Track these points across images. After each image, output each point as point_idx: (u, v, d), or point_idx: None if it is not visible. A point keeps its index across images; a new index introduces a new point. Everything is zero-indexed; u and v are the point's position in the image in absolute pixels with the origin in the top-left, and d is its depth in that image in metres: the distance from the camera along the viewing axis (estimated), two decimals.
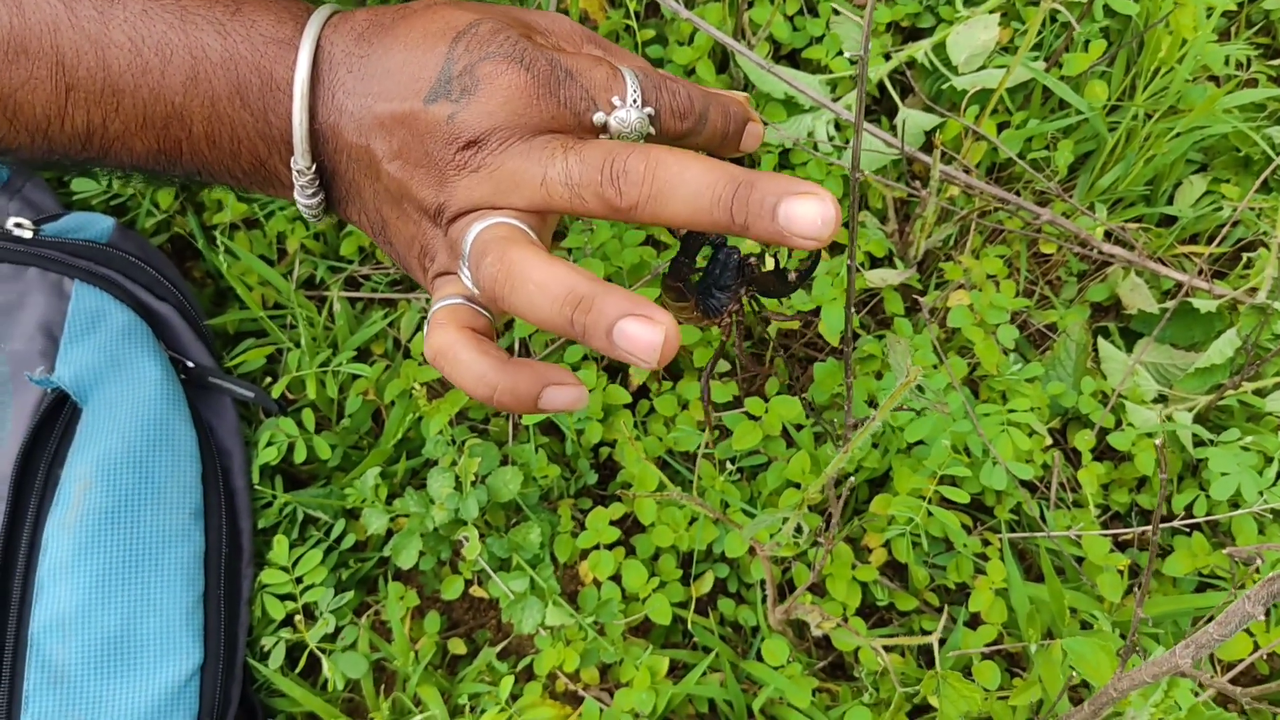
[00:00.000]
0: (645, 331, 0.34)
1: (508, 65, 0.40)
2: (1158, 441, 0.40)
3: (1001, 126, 0.83)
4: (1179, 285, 0.79)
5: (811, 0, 0.88)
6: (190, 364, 0.72)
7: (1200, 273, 0.81)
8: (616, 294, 0.35)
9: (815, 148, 0.81)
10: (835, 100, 0.84)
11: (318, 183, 0.43)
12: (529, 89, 0.40)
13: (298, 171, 0.42)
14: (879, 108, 0.87)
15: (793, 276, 0.48)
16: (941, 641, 0.70)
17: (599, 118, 0.41)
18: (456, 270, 0.42)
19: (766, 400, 0.75)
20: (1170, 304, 0.77)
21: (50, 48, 0.40)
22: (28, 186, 0.77)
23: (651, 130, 0.42)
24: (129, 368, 0.68)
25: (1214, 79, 0.87)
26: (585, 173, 0.39)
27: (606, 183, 0.38)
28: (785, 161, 0.84)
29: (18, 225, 0.71)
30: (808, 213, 0.36)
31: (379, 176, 0.42)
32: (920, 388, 0.69)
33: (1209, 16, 0.83)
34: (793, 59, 0.89)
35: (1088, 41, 0.82)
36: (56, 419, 0.68)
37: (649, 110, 0.42)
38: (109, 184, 0.79)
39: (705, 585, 0.73)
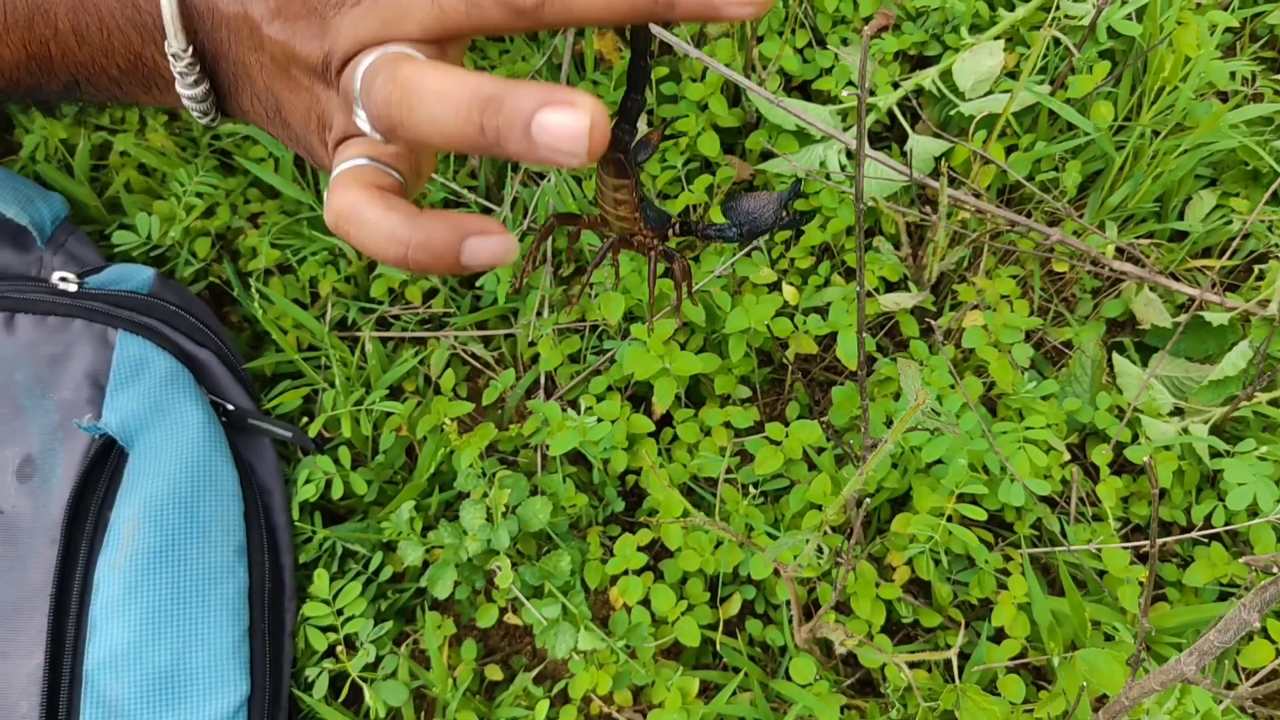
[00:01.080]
0: (568, 118, 0.30)
1: None
2: (1147, 458, 0.41)
3: (1010, 150, 0.85)
4: (1191, 299, 0.80)
5: (819, 32, 0.90)
6: (230, 407, 0.75)
7: (1212, 286, 0.82)
8: (528, 86, 0.31)
9: (827, 177, 0.83)
10: (845, 129, 0.86)
11: (198, 67, 0.40)
12: None
13: (173, 57, 0.39)
14: (889, 134, 0.89)
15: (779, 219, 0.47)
16: (967, 656, 0.71)
17: None
18: (356, 129, 0.38)
19: (787, 425, 0.77)
20: (1183, 318, 0.78)
21: None
22: (70, 241, 0.81)
23: None
24: (172, 412, 0.71)
25: (1220, 95, 0.89)
26: None
27: None
28: (799, 192, 0.86)
29: (63, 279, 0.75)
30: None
31: (263, 45, 0.39)
32: (936, 411, 0.71)
33: (1212, 33, 0.85)
34: (804, 90, 0.91)
35: (1092, 66, 0.84)
36: (105, 463, 0.71)
37: None
38: (147, 235, 0.83)
39: (732, 607, 0.75)
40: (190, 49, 0.39)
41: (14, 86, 0.42)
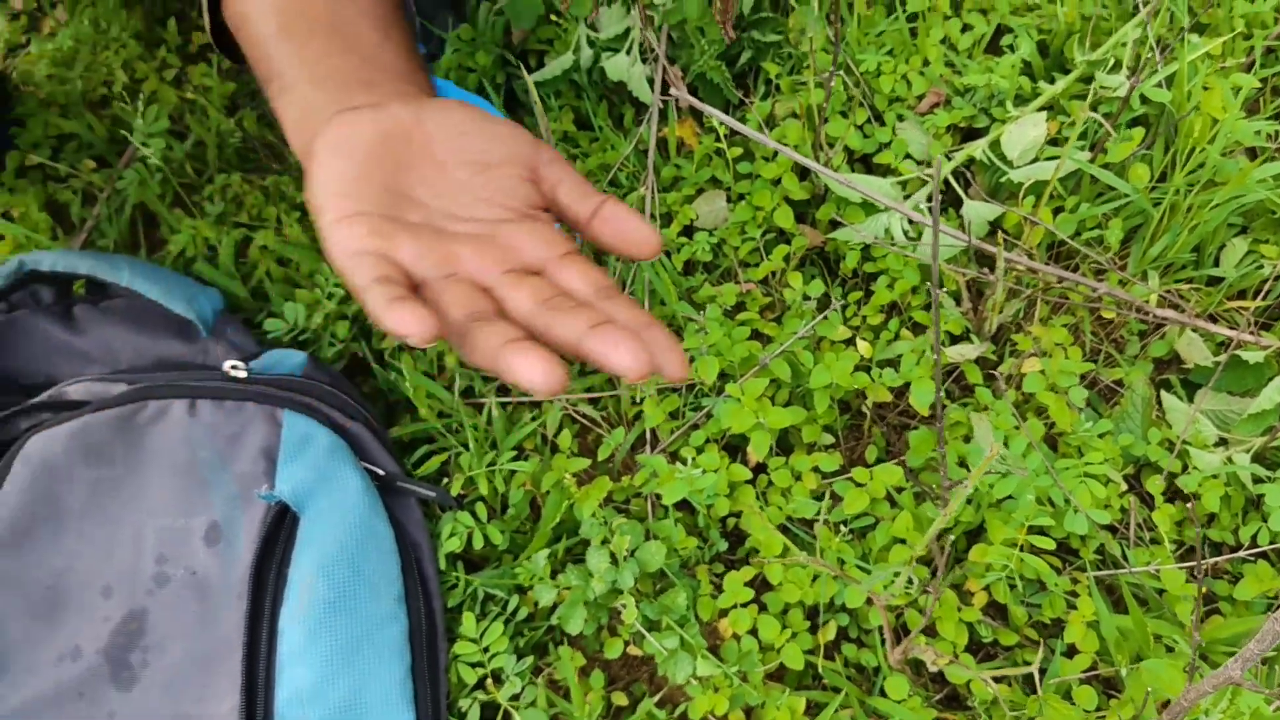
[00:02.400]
0: None
1: None
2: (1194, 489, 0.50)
3: (1057, 211, 0.94)
4: (1229, 339, 0.89)
5: (877, 110, 1.01)
6: (381, 472, 0.85)
7: (1248, 326, 0.91)
8: None
9: (892, 242, 0.93)
10: (906, 197, 0.96)
11: None
12: None
13: None
14: (945, 199, 0.99)
15: None
16: (1043, 671, 0.80)
17: None
18: None
19: (869, 467, 0.87)
20: (1223, 357, 0.87)
21: None
22: (229, 330, 0.92)
23: None
24: (335, 480, 0.82)
25: (1248, 150, 0.98)
26: None
27: None
28: (867, 255, 0.96)
29: (234, 367, 0.86)
30: None
31: None
32: (1004, 457, 0.80)
33: (1236, 95, 0.94)
34: (866, 162, 1.01)
35: (1127, 130, 0.93)
36: (281, 527, 0.82)
37: None
38: (295, 321, 0.94)
39: (830, 633, 0.84)
40: None
41: None
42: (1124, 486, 0.85)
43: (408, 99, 0.58)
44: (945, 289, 0.95)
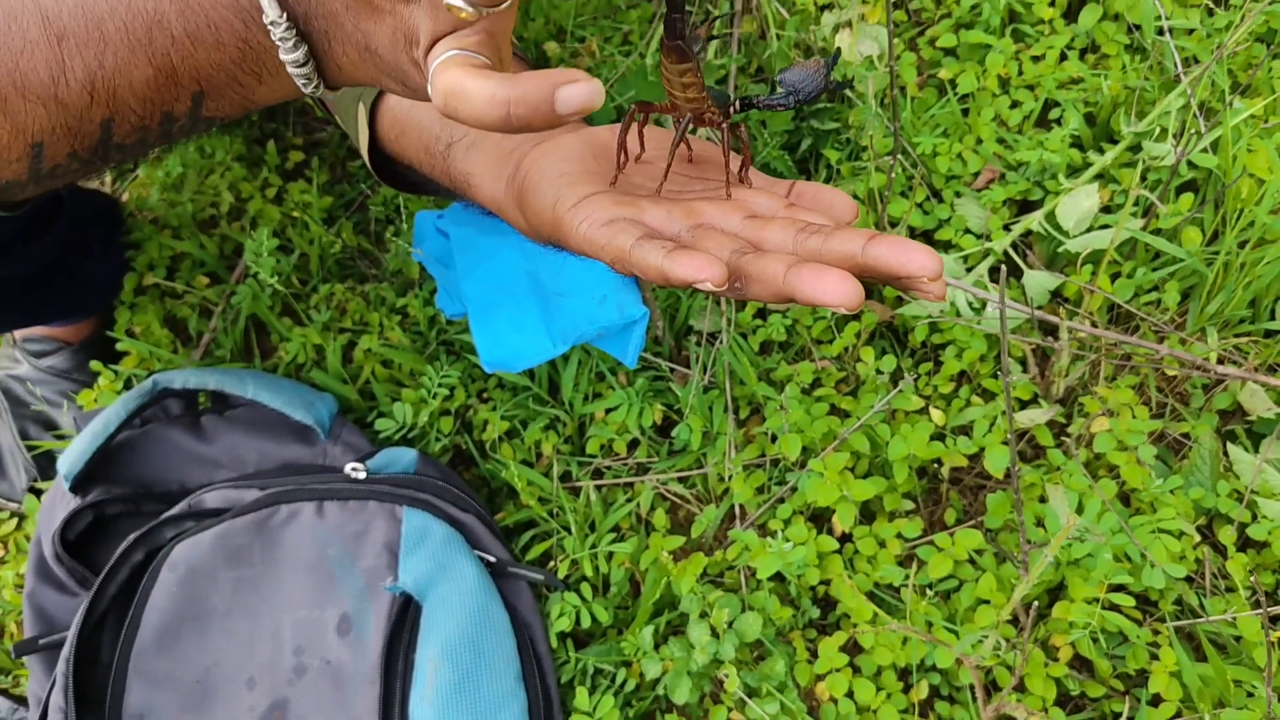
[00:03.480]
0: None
1: None
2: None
3: (1115, 276, 0.99)
4: None
5: (935, 188, 1.06)
6: (493, 559, 0.92)
7: None
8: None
9: (958, 315, 0.98)
10: (968, 270, 1.01)
11: (294, 31, 0.46)
12: None
13: (271, 25, 0.45)
14: (1005, 269, 1.04)
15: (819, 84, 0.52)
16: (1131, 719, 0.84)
17: None
18: (442, 30, 0.44)
19: (948, 529, 0.91)
20: None
21: (33, 6, 0.44)
22: (344, 432, 1.00)
23: None
24: (453, 569, 0.89)
25: None
26: None
27: None
28: (934, 327, 1.01)
29: (354, 469, 0.93)
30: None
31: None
32: (1085, 528, 0.85)
33: None
34: (927, 237, 1.07)
35: (1179, 192, 0.98)
36: (406, 616, 0.88)
37: None
38: (403, 420, 1.01)
39: (922, 692, 0.88)
40: (284, 14, 0.45)
41: (150, 116, 0.47)
42: (1197, 538, 0.89)
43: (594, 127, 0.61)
44: (1012, 357, 1.00)
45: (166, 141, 0.50)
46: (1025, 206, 1.06)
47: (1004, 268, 0.66)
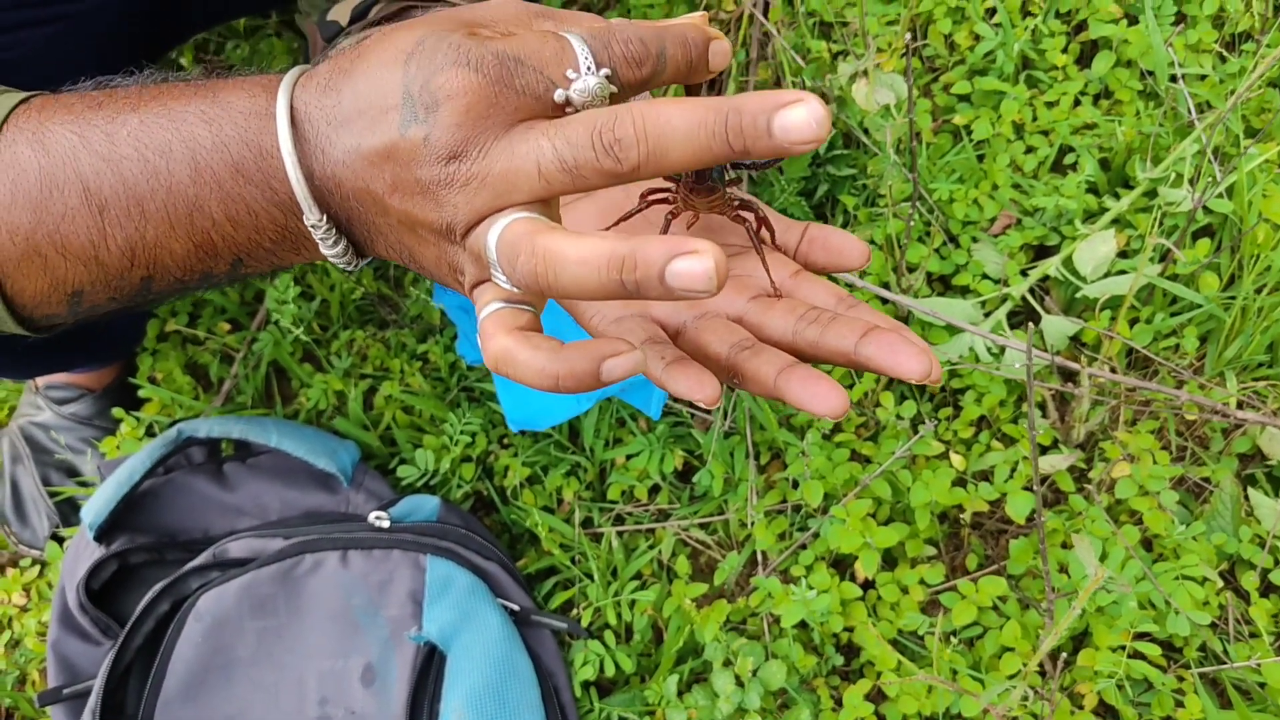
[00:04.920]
0: (696, 264, 0.36)
1: (457, 72, 0.40)
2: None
3: (1133, 321, 0.99)
4: None
5: (952, 233, 1.07)
6: (516, 607, 0.92)
7: None
8: (653, 242, 0.36)
9: (977, 360, 0.99)
10: (986, 315, 1.02)
11: (335, 230, 0.46)
12: (485, 89, 0.40)
13: (313, 227, 0.45)
14: (1023, 314, 1.05)
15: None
16: None
17: (560, 95, 0.41)
18: (489, 277, 0.43)
19: (970, 574, 0.91)
20: None
21: (74, 175, 0.45)
22: (367, 479, 1.00)
23: (614, 89, 0.42)
24: (477, 618, 0.89)
25: None
26: (578, 153, 0.39)
27: (602, 155, 0.39)
28: (954, 371, 1.01)
29: (378, 518, 0.94)
30: (800, 119, 0.37)
31: (387, 211, 0.43)
32: (1110, 575, 0.85)
33: None
34: (944, 281, 1.08)
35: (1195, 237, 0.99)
36: (430, 665, 0.89)
37: (605, 71, 0.42)
38: (425, 466, 1.02)
39: None
40: (325, 218, 0.45)
41: (189, 276, 0.48)
42: (1220, 584, 0.89)
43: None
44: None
45: (206, 289, 0.51)
46: (1042, 252, 1.06)
47: (1030, 325, 0.67)
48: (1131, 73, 1.10)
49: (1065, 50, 1.14)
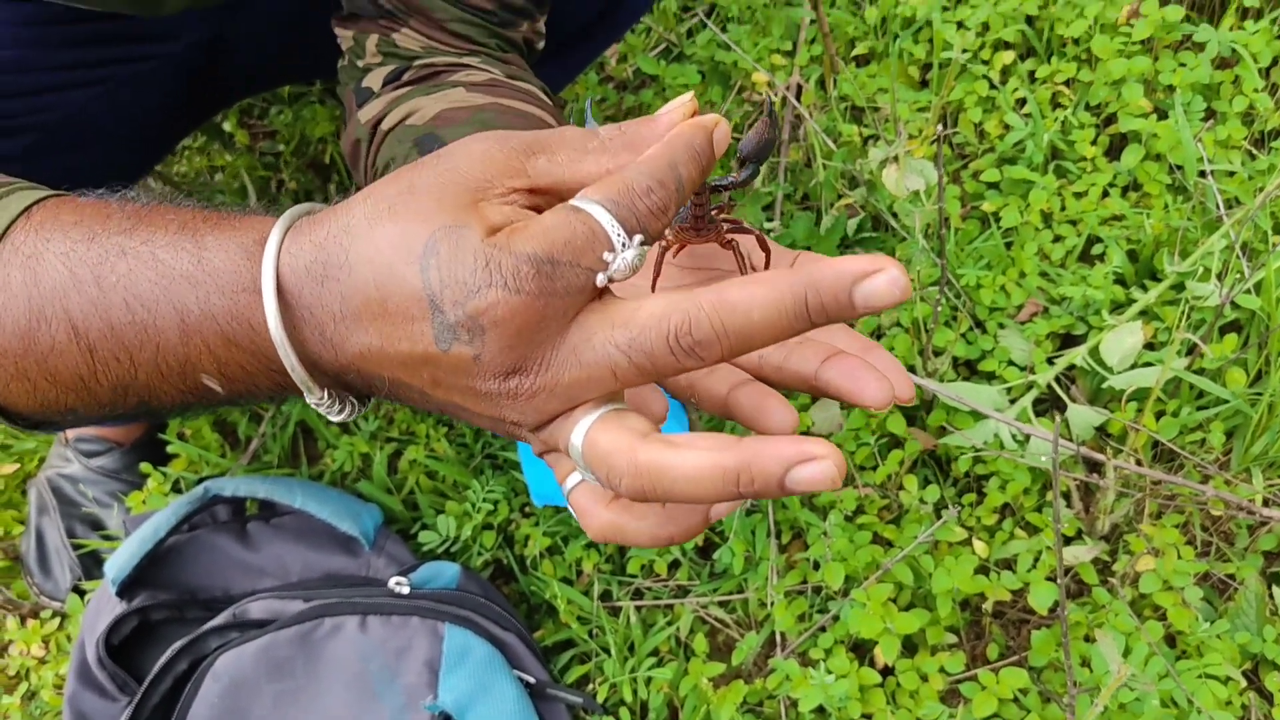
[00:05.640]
0: (818, 470, 0.35)
1: (496, 295, 0.37)
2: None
3: (1159, 414, 0.99)
4: None
5: (979, 319, 1.08)
6: (532, 680, 0.92)
7: None
8: (767, 452, 0.35)
9: (1001, 447, 0.99)
10: (1012, 401, 1.02)
11: (341, 400, 0.43)
12: (530, 307, 0.38)
13: (315, 403, 0.43)
14: (1048, 402, 1.05)
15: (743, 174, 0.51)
16: None
17: (601, 280, 0.39)
18: (561, 449, 0.41)
19: (990, 663, 0.91)
20: None
21: (63, 313, 0.43)
22: (388, 544, 1.01)
23: (647, 248, 0.40)
24: (493, 690, 0.89)
25: None
26: (656, 359, 0.38)
27: (684, 357, 0.37)
28: (978, 457, 1.01)
29: (398, 583, 0.94)
30: (882, 290, 0.36)
31: (427, 397, 0.41)
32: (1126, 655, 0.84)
33: None
34: (970, 366, 1.08)
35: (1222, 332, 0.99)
36: None
37: (638, 238, 0.40)
38: (448, 533, 1.02)
39: None
40: (327, 393, 0.42)
41: (188, 406, 0.45)
42: (1244, 683, 0.88)
43: None
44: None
45: (210, 410, 0.50)
46: (1068, 340, 1.07)
47: (1056, 414, 0.67)
48: (1160, 166, 1.11)
49: (1095, 142, 1.15)
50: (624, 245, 0.39)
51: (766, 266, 0.55)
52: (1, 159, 0.83)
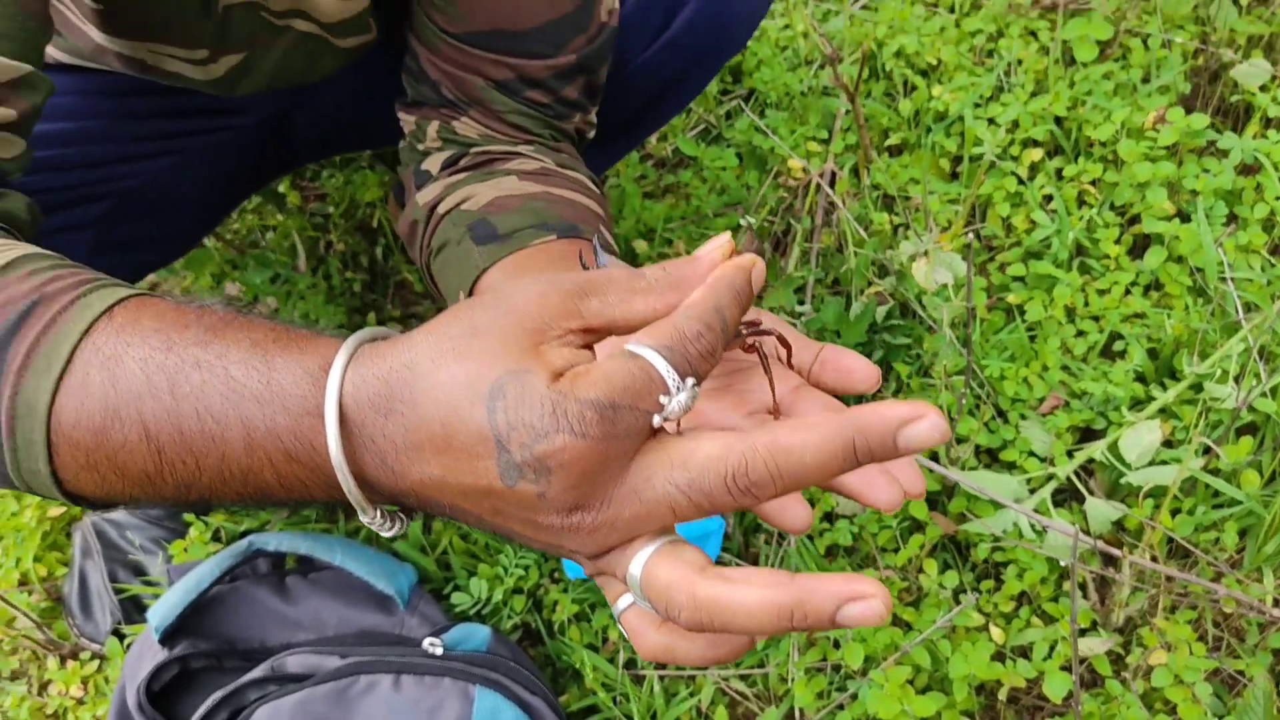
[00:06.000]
0: (867, 609, 0.37)
1: (563, 440, 0.39)
2: None
3: (1174, 510, 1.02)
4: None
5: (1001, 409, 1.11)
6: None
7: None
8: (819, 592, 0.38)
9: (1020, 537, 1.02)
10: (1031, 491, 1.05)
11: (395, 515, 0.45)
12: (595, 451, 0.39)
13: (368, 521, 0.45)
14: (1066, 493, 1.08)
15: None
16: None
17: (658, 421, 0.41)
18: (616, 577, 0.43)
19: None
20: None
21: (137, 415, 0.45)
22: (422, 604, 1.04)
23: (698, 390, 0.42)
24: None
25: None
26: (714, 498, 0.40)
27: (740, 496, 0.39)
28: (997, 544, 1.04)
29: (431, 644, 0.97)
30: (924, 435, 0.38)
31: (483, 523, 0.43)
32: None
33: None
34: (991, 454, 1.11)
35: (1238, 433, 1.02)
36: None
37: (691, 381, 0.42)
38: (480, 596, 1.06)
39: None
40: (379, 513, 0.45)
41: (246, 502, 0.48)
42: None
43: None
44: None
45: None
46: (1088, 434, 1.10)
47: (1074, 505, 0.70)
48: (1182, 268, 1.15)
49: (1118, 241, 1.19)
50: (678, 389, 0.41)
51: (789, 362, 0.57)
52: (76, 226, 0.88)
